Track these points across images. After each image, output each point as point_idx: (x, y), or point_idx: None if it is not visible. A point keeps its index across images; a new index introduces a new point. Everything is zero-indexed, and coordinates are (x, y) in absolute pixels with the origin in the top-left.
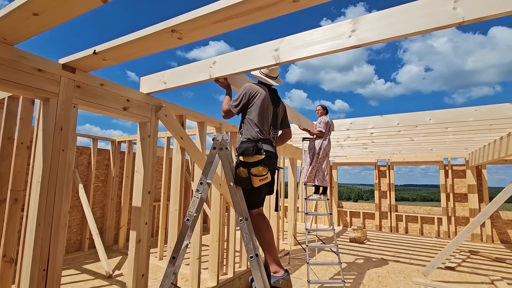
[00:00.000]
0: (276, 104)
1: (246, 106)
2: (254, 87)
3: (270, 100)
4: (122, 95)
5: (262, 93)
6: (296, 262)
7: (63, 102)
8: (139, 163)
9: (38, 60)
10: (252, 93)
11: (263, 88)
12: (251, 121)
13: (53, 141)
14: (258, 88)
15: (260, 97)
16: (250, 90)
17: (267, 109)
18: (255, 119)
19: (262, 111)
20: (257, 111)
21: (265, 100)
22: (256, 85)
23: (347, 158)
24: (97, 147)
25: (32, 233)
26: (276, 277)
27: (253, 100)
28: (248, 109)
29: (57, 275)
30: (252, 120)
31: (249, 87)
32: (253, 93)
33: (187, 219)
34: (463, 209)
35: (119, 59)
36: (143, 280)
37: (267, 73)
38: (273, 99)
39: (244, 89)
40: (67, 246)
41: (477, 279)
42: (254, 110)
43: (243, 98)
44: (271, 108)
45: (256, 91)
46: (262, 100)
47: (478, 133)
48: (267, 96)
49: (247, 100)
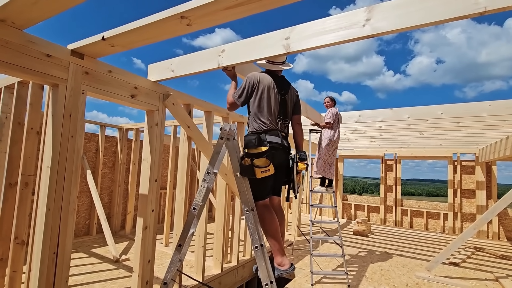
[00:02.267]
0: (283, 91)
1: (250, 97)
2: (256, 76)
3: (275, 88)
4: (130, 83)
5: (265, 82)
6: (299, 253)
7: (72, 88)
8: (146, 151)
9: (47, 45)
10: (255, 83)
11: (267, 76)
12: (254, 113)
13: (62, 128)
14: (260, 77)
15: (262, 87)
16: (252, 80)
17: (272, 98)
18: (258, 110)
19: (266, 101)
20: (260, 101)
21: (269, 89)
22: (260, 73)
23: (354, 151)
24: (105, 134)
25: (42, 217)
26: (280, 270)
27: (256, 91)
28: (251, 100)
29: (67, 258)
30: (255, 112)
31: (251, 77)
32: (255, 83)
33: (194, 208)
34: (470, 206)
35: (127, 46)
36: (149, 265)
37: (272, 60)
38: (280, 86)
39: (246, 80)
40: (76, 230)
41: (481, 275)
42: (257, 101)
43: (245, 89)
44: (278, 97)
45: (258, 80)
46: (265, 89)
47: (490, 129)
48: (271, 85)
49: (250, 91)
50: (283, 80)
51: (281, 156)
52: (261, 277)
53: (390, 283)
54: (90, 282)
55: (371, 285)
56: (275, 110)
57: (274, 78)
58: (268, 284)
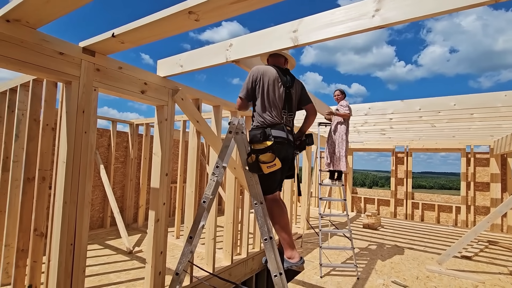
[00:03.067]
0: (288, 84)
1: (254, 92)
2: (259, 69)
3: (280, 81)
4: (139, 78)
5: (269, 74)
6: (308, 246)
7: (84, 85)
8: (156, 146)
9: (59, 43)
10: (258, 76)
11: (271, 68)
12: (258, 107)
13: (76, 124)
14: (264, 69)
15: (267, 79)
16: (255, 73)
17: (277, 91)
18: (262, 104)
19: (270, 95)
20: (264, 94)
21: (273, 82)
22: (263, 66)
23: (364, 144)
24: (116, 129)
25: (59, 210)
26: (290, 263)
27: (259, 83)
28: (256, 96)
29: (83, 249)
30: (259, 105)
31: (254, 71)
32: (259, 76)
33: (204, 201)
34: (484, 199)
35: (136, 42)
36: (162, 257)
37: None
38: (284, 79)
39: (249, 74)
40: (91, 223)
41: (494, 269)
42: (261, 94)
43: (248, 85)
44: (282, 90)
45: (262, 73)
46: (269, 82)
47: (506, 120)
48: (274, 77)
49: (254, 84)
50: (287, 73)
51: (286, 151)
52: (271, 268)
53: (400, 276)
54: (105, 273)
55: (381, 278)
56: (279, 103)
57: (278, 71)
58: (277, 275)
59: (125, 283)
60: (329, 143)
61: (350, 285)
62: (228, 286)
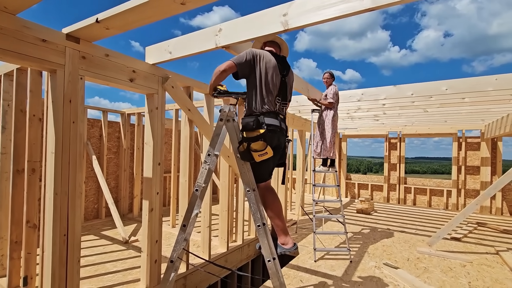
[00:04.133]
0: (285, 72)
1: (248, 74)
2: (259, 51)
3: (277, 67)
4: (128, 66)
5: (267, 58)
6: (303, 232)
7: (70, 73)
8: (148, 135)
9: (42, 30)
10: (257, 58)
11: (269, 54)
12: (252, 93)
13: (63, 113)
14: (263, 53)
15: (263, 64)
16: (255, 53)
17: (273, 77)
18: (256, 90)
19: (267, 80)
20: (261, 82)
21: (271, 67)
22: (261, 50)
23: (357, 130)
24: (107, 119)
25: (50, 201)
26: (283, 248)
27: (257, 66)
28: (250, 77)
29: (77, 239)
30: (253, 92)
31: (255, 51)
32: (258, 58)
33: (196, 190)
34: (474, 182)
35: (122, 28)
36: (157, 245)
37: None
38: (282, 66)
39: (249, 50)
40: (86, 214)
41: (482, 249)
42: (258, 82)
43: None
44: (279, 77)
45: (261, 56)
46: (266, 67)
47: (496, 104)
48: (273, 64)
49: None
50: (284, 60)
51: (278, 139)
52: (264, 254)
53: (392, 258)
54: (101, 262)
55: (373, 260)
56: (274, 90)
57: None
58: (271, 260)
59: (122, 272)
60: (319, 130)
61: (343, 268)
62: (224, 272)
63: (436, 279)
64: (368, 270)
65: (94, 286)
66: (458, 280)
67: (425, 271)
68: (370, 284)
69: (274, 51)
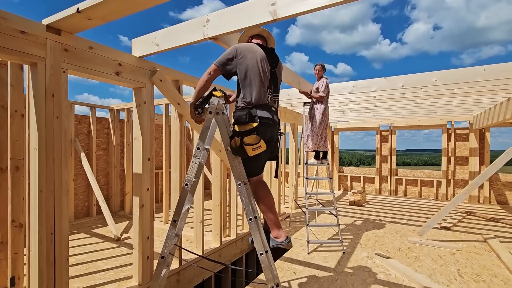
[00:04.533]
0: (274, 64)
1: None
2: (242, 45)
3: (266, 59)
4: (113, 59)
5: (254, 50)
6: (296, 225)
7: (52, 66)
8: (136, 130)
9: (20, 21)
10: (241, 52)
11: (256, 46)
12: (243, 85)
13: (46, 108)
14: (247, 46)
15: (251, 56)
16: (239, 48)
17: (263, 69)
18: (246, 82)
19: (257, 72)
20: (251, 75)
21: (259, 59)
22: (246, 43)
23: (349, 123)
24: (95, 115)
25: (35, 199)
26: (276, 241)
27: (244, 60)
28: (239, 71)
29: (65, 238)
30: (244, 84)
31: (238, 46)
32: (241, 52)
33: (186, 184)
34: (463, 172)
35: (106, 18)
36: (149, 242)
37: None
38: (271, 57)
39: (231, 47)
40: (76, 212)
41: (470, 237)
42: (248, 74)
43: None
44: (269, 69)
45: (245, 50)
46: (254, 59)
47: (485, 94)
48: (261, 55)
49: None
50: (273, 52)
51: (271, 132)
52: (256, 247)
53: (383, 248)
54: (92, 260)
55: (365, 251)
56: (265, 82)
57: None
58: (263, 253)
59: (114, 270)
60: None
61: (336, 259)
62: (218, 267)
63: (427, 267)
64: (360, 260)
65: (85, 284)
66: (448, 267)
67: (416, 260)
68: (363, 274)
69: (261, 43)
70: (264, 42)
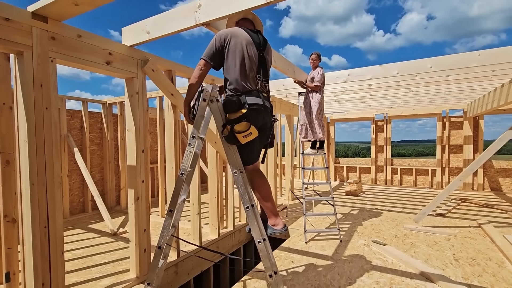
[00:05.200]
0: (262, 47)
1: (221, 56)
2: (226, 31)
3: (252, 43)
4: (103, 48)
5: (239, 35)
6: (293, 215)
7: (39, 55)
8: (129, 121)
9: (4, 7)
10: (226, 38)
11: (241, 30)
12: (230, 73)
13: (34, 99)
14: (232, 30)
15: (237, 42)
16: (222, 35)
17: (249, 54)
18: (234, 69)
19: (243, 58)
20: (236, 59)
21: (245, 44)
22: (231, 28)
23: (345, 114)
24: (87, 109)
25: (27, 192)
26: (274, 229)
27: (228, 47)
28: (225, 59)
29: (59, 231)
30: (231, 71)
31: (221, 33)
32: (226, 39)
33: (181, 173)
34: (458, 160)
35: (92, 3)
36: (145, 234)
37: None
38: (257, 41)
39: (214, 37)
40: (71, 208)
41: (465, 223)
42: (232, 57)
43: (214, 47)
44: (256, 53)
45: (229, 35)
46: (241, 44)
47: (479, 81)
48: (247, 39)
49: (220, 47)
50: (259, 35)
51: (263, 118)
52: (254, 235)
53: (380, 236)
54: (89, 255)
55: (362, 239)
56: (253, 67)
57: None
58: (261, 241)
59: (111, 263)
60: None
61: (333, 248)
62: (217, 257)
63: (423, 253)
64: (357, 248)
65: (82, 278)
66: (443, 252)
67: (412, 246)
68: (360, 261)
69: (249, 27)
70: (251, 26)
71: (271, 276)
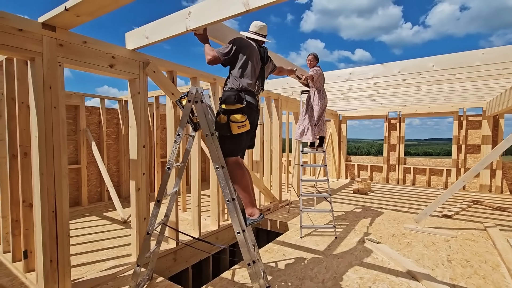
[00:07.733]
0: (264, 62)
1: (235, 59)
2: (244, 41)
3: (259, 57)
4: (106, 52)
5: (252, 49)
6: (295, 211)
7: (48, 61)
8: (132, 119)
9: (17, 19)
10: (243, 47)
11: (254, 44)
12: (236, 72)
13: (44, 99)
14: (248, 43)
15: (249, 52)
16: (242, 43)
17: (255, 66)
18: (240, 72)
19: (250, 67)
20: (245, 66)
21: (254, 56)
22: (248, 40)
23: (357, 111)
24: (105, 106)
25: (37, 180)
26: (251, 219)
27: (242, 54)
28: (236, 63)
29: (65, 216)
30: (237, 73)
31: (241, 40)
32: (243, 48)
33: (168, 168)
34: (474, 161)
35: (93, 14)
36: (145, 222)
37: (256, 31)
38: (263, 56)
39: (235, 41)
40: (89, 197)
41: (471, 225)
42: (242, 64)
43: (233, 49)
44: (259, 65)
45: (247, 46)
46: (251, 55)
47: (491, 79)
48: (256, 52)
49: (237, 52)
50: (265, 51)
51: (254, 117)
52: (234, 227)
53: (377, 234)
54: (99, 240)
55: (358, 236)
56: (256, 75)
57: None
58: (240, 232)
59: (117, 248)
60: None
61: (327, 243)
62: (215, 248)
63: (416, 252)
64: (351, 245)
65: (90, 260)
66: (438, 253)
67: (407, 245)
68: (350, 257)
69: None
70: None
71: (249, 265)
